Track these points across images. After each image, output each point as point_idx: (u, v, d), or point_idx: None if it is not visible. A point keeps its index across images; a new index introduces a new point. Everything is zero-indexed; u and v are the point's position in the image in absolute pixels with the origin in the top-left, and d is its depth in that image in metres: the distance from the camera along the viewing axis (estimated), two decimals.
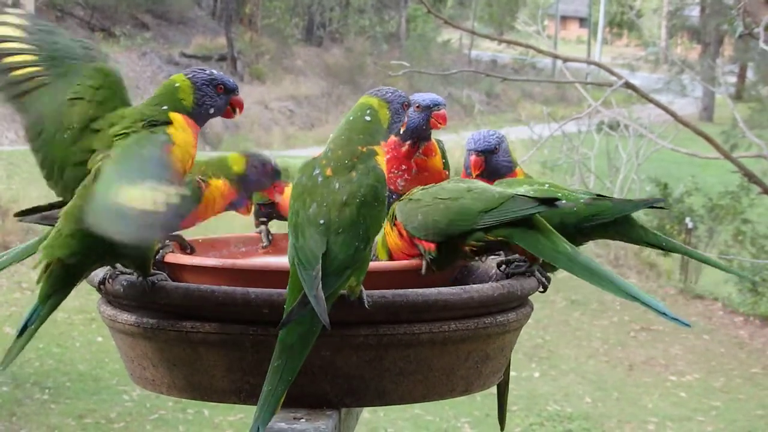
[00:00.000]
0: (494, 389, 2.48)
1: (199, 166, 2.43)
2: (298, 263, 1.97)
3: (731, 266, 13.85)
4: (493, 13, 41.84)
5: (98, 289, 2.22)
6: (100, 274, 2.19)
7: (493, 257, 2.38)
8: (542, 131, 13.97)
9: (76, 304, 10.69)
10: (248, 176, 2.49)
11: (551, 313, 12.86)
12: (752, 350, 12.43)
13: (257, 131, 24.84)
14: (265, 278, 2.16)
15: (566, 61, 8.89)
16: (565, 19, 57.04)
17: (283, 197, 2.71)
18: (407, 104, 2.20)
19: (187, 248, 2.51)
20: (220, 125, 22.39)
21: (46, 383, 9.16)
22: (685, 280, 15.33)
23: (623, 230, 2.44)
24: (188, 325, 2.06)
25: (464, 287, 2.12)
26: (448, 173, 2.65)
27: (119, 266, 2.18)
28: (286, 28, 33.78)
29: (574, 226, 2.35)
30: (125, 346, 2.22)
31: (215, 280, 2.16)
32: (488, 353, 2.17)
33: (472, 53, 39.88)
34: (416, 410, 9.12)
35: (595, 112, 12.12)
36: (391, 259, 2.36)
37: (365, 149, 2.08)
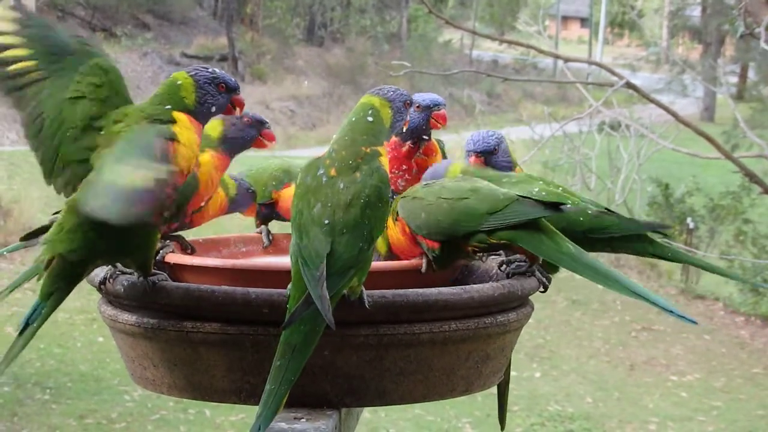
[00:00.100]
0: (495, 389, 2.48)
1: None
2: (302, 263, 1.97)
3: (735, 271, 13.91)
4: (494, 13, 41.84)
5: (99, 289, 2.22)
6: (100, 274, 2.19)
7: (493, 257, 2.39)
8: (543, 131, 13.95)
9: (77, 304, 10.70)
10: (230, 135, 2.45)
11: (552, 313, 12.86)
12: (753, 350, 12.43)
13: None
14: (265, 278, 2.16)
15: (567, 61, 8.88)
16: (566, 19, 57.03)
17: (282, 199, 2.71)
18: (409, 103, 2.20)
19: (187, 248, 2.51)
20: None
21: (47, 383, 9.17)
22: (686, 280, 15.32)
23: (627, 244, 2.41)
24: (189, 325, 2.06)
25: (465, 287, 2.12)
26: None
27: (120, 266, 2.17)
28: (287, 28, 33.79)
29: (580, 234, 2.33)
30: (126, 346, 2.22)
31: (216, 280, 2.17)
32: (489, 353, 2.17)
33: (473, 53, 39.86)
34: (417, 410, 9.12)
35: (596, 112, 12.10)
36: (390, 252, 2.37)
37: (369, 150, 2.09)
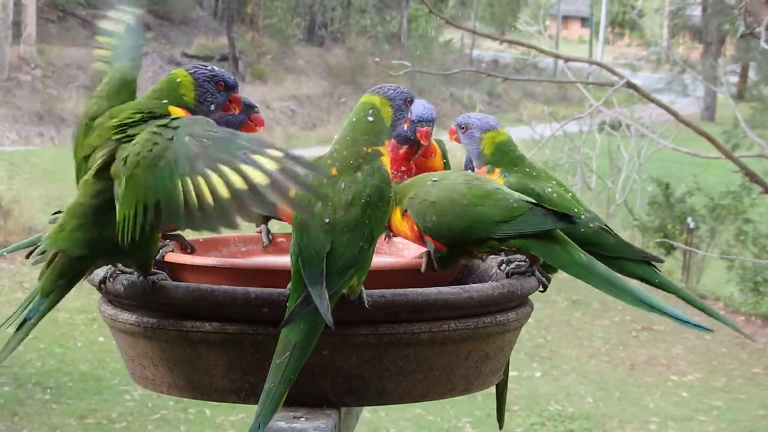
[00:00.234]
0: (493, 389, 2.48)
1: None
2: (302, 262, 1.97)
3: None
4: (494, 12, 41.86)
5: (99, 288, 2.22)
6: (100, 273, 2.19)
7: (493, 257, 2.38)
8: (544, 131, 13.99)
9: (77, 304, 10.71)
10: (218, 121, 2.43)
11: (552, 312, 12.86)
12: (754, 350, 12.42)
13: (258, 131, 24.81)
14: (265, 277, 2.16)
15: (568, 60, 8.88)
16: (566, 18, 57.07)
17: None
18: (410, 100, 2.20)
19: (187, 247, 2.51)
20: None
21: (47, 383, 9.17)
22: (686, 280, 15.32)
23: (618, 264, 2.37)
24: (188, 324, 2.06)
25: (464, 286, 2.12)
26: None
27: (120, 265, 2.18)
28: (287, 28, 33.81)
29: (576, 243, 2.29)
30: (126, 345, 2.22)
31: (215, 279, 2.16)
32: (488, 353, 2.17)
33: (473, 53, 39.89)
34: (417, 410, 9.12)
35: (596, 111, 12.12)
36: (390, 230, 2.36)
37: (370, 150, 2.09)
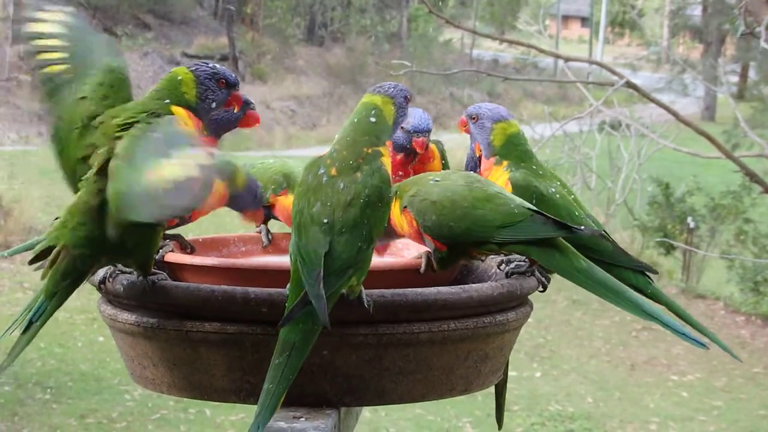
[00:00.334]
0: (493, 389, 2.48)
1: None
2: (300, 262, 1.97)
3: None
4: (494, 12, 41.88)
5: (98, 288, 2.22)
6: (100, 273, 2.19)
7: (492, 256, 2.38)
8: (544, 131, 13.96)
9: (77, 303, 10.70)
10: (214, 117, 2.45)
11: (552, 312, 12.86)
12: (754, 350, 12.42)
13: (259, 131, 24.79)
14: (265, 277, 2.16)
15: (568, 60, 8.87)
16: (566, 18, 57.07)
17: (279, 204, 2.70)
18: (409, 98, 2.20)
19: (187, 248, 2.51)
20: None
21: (47, 383, 9.17)
22: (686, 279, 15.31)
23: (612, 270, 2.34)
24: (188, 324, 2.06)
25: (463, 286, 2.12)
26: None
27: (119, 265, 2.18)
28: (287, 27, 33.82)
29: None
30: (125, 345, 2.22)
31: (215, 279, 2.16)
32: (487, 353, 2.17)
33: (473, 53, 39.89)
34: (417, 410, 9.12)
35: (596, 111, 12.11)
36: (391, 227, 2.36)
37: (370, 150, 2.08)
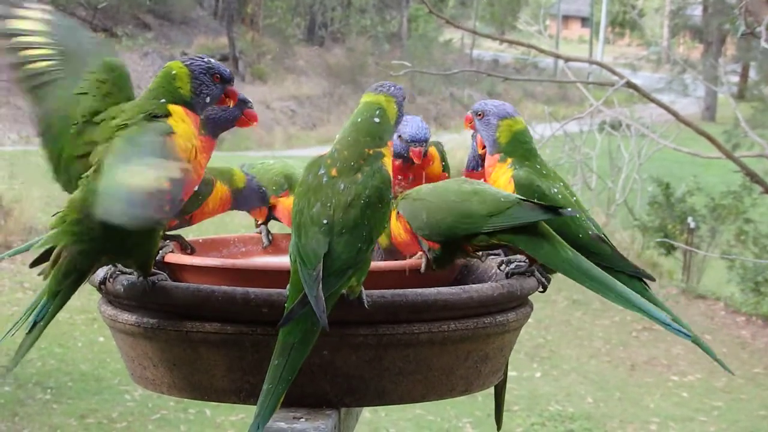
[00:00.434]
0: (492, 389, 2.48)
1: (207, 170, 2.45)
2: (300, 262, 1.97)
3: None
4: (494, 12, 41.90)
5: (99, 289, 2.22)
6: (100, 274, 2.19)
7: (493, 257, 2.38)
8: (544, 131, 13.95)
9: (77, 304, 10.70)
10: (212, 116, 2.46)
11: (552, 313, 12.85)
12: (754, 350, 12.42)
13: (259, 131, 24.80)
14: (265, 278, 2.16)
15: (568, 60, 8.87)
16: (566, 18, 57.08)
17: (280, 205, 2.71)
18: (406, 97, 2.22)
19: (187, 248, 2.52)
20: None
21: (48, 383, 9.17)
22: (687, 280, 15.31)
23: (609, 273, 2.38)
24: (188, 324, 2.06)
25: (464, 287, 2.12)
26: (448, 175, 2.64)
27: (120, 266, 2.18)
28: (287, 28, 33.83)
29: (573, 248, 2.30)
30: (126, 346, 2.22)
31: (215, 280, 2.17)
32: (488, 353, 2.17)
33: (473, 53, 39.90)
34: (418, 410, 9.12)
35: (596, 111, 12.12)
36: (391, 244, 2.37)
37: (372, 152, 2.08)
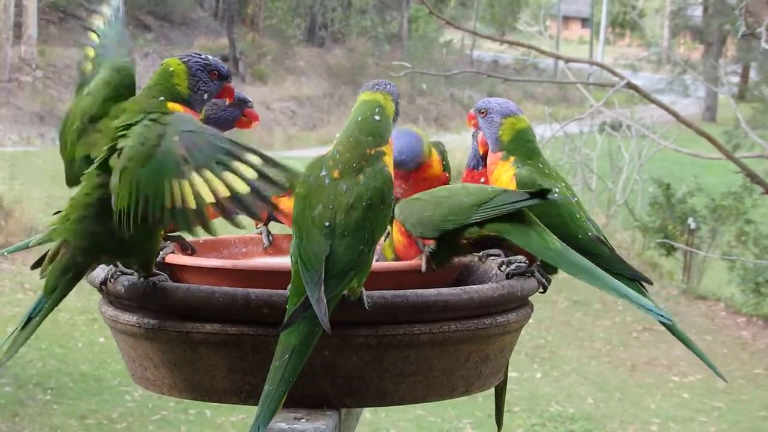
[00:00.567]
0: (493, 390, 2.48)
1: None
2: (301, 264, 1.97)
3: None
4: (494, 13, 41.89)
5: (99, 289, 2.22)
6: (101, 274, 2.19)
7: (493, 258, 2.38)
8: (544, 132, 13.94)
9: (78, 304, 10.71)
10: (212, 116, 2.43)
11: (553, 313, 12.85)
12: (755, 351, 12.42)
13: (259, 131, 24.82)
14: (265, 279, 2.16)
15: (568, 61, 8.88)
16: (567, 19, 57.07)
17: (281, 205, 2.70)
18: (399, 94, 2.22)
19: (187, 249, 2.51)
20: None
21: (48, 384, 9.17)
22: (687, 280, 15.31)
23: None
24: (189, 325, 2.06)
25: (464, 288, 2.12)
26: (448, 176, 2.64)
27: (120, 266, 2.18)
28: (287, 28, 33.83)
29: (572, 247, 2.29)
30: (126, 346, 2.22)
31: (216, 280, 2.16)
32: (488, 354, 2.17)
33: (473, 54, 39.89)
34: (418, 411, 9.12)
35: (597, 112, 12.12)
36: (396, 256, 2.37)
37: (373, 152, 2.07)
